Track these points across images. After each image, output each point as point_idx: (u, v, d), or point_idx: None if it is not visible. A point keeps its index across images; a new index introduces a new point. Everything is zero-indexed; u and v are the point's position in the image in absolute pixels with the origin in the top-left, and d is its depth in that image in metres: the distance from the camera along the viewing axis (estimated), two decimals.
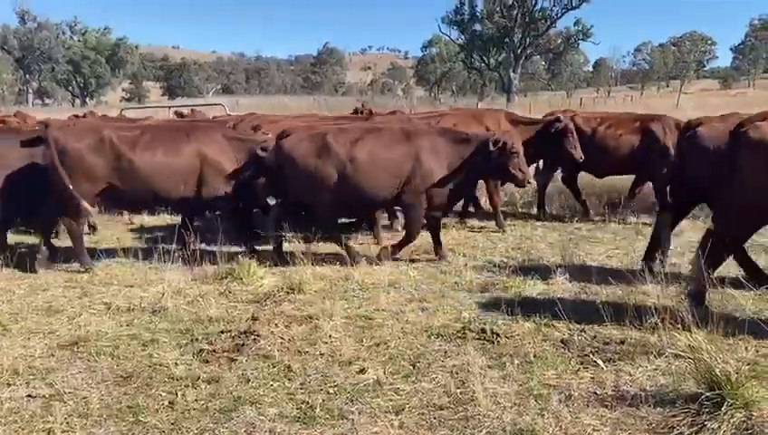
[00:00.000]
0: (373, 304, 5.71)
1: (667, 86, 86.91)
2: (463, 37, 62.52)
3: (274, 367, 4.43)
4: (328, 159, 6.80)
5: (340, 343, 4.79)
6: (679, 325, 4.62)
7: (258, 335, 4.91)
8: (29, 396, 4.02)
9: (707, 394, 3.62)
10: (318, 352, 4.67)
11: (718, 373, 3.66)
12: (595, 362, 4.41)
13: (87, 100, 73.74)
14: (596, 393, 3.98)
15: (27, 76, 71.01)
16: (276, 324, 5.18)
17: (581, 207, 9.58)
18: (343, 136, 6.95)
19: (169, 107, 21.20)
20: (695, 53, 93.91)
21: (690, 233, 7.68)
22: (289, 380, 4.25)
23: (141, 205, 7.95)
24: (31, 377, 4.29)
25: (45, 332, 5.12)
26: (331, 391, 4.08)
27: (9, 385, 4.16)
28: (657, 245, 6.50)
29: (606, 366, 4.34)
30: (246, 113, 12.37)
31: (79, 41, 75.55)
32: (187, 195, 7.07)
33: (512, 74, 57.24)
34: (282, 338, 4.91)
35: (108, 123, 8.82)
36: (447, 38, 67.05)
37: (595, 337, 4.86)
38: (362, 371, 4.34)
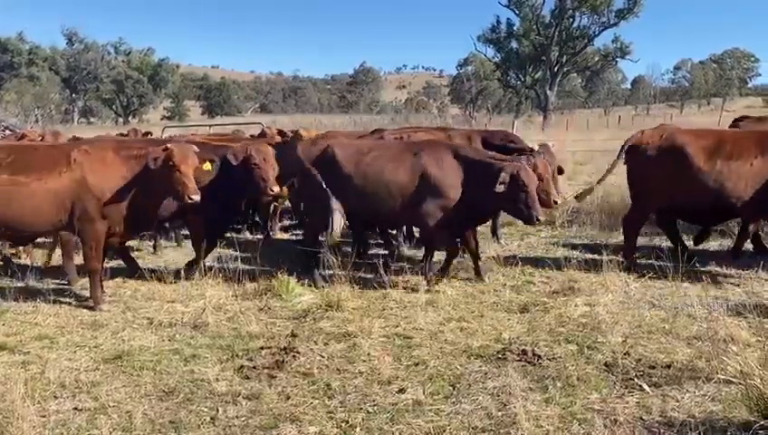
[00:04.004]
0: (411, 323, 5.69)
1: (708, 104, 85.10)
2: (499, 55, 62.43)
3: (314, 384, 4.44)
4: None
5: (379, 361, 4.77)
6: (728, 349, 4.50)
7: (297, 352, 4.94)
8: (75, 409, 4.10)
9: (761, 423, 3.50)
10: (357, 371, 4.66)
11: None
12: (640, 386, 4.29)
13: (129, 118, 75.73)
14: (642, 419, 3.88)
15: (73, 96, 73.35)
16: (315, 342, 5.20)
17: None
18: None
19: (209, 126, 21.63)
20: (737, 70, 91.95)
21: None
22: (328, 398, 4.25)
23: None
24: (77, 390, 4.37)
25: (90, 345, 5.23)
26: (370, 410, 4.06)
27: (56, 397, 4.25)
28: None
29: (652, 391, 4.22)
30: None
31: (123, 61, 77.84)
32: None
33: (548, 92, 56.86)
34: (321, 355, 4.92)
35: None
36: (483, 56, 66.96)
37: (640, 360, 4.74)
38: (402, 390, 4.31)
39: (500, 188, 6.28)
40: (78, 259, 6.96)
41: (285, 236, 10.21)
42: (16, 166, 6.07)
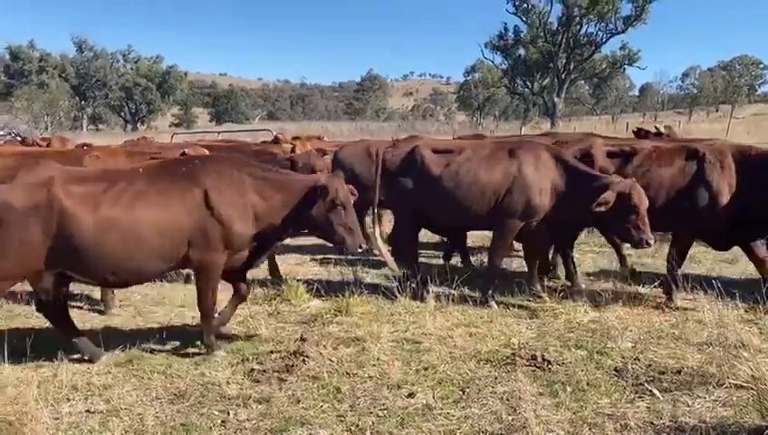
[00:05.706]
0: (420, 327, 5.69)
1: (717, 111, 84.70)
2: (506, 62, 62.52)
3: (324, 388, 4.45)
4: None
5: (389, 366, 4.78)
6: (739, 354, 4.48)
7: (307, 356, 4.95)
8: (87, 411, 4.13)
9: None
10: (366, 375, 4.67)
11: None
12: (651, 391, 4.29)
13: (138, 125, 76.15)
14: (653, 424, 3.87)
15: (83, 103, 73.82)
16: (324, 346, 5.21)
17: None
18: None
19: (218, 132, 21.74)
20: (745, 77, 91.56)
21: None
22: (338, 401, 4.26)
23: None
24: (89, 393, 4.40)
25: (102, 349, 5.25)
26: (380, 414, 4.07)
27: (69, 400, 4.29)
28: None
29: (662, 396, 4.22)
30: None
31: (132, 68, 78.28)
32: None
33: (556, 99, 56.82)
34: (330, 360, 4.93)
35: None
36: (491, 63, 67.03)
37: (650, 365, 4.73)
38: (411, 395, 4.32)
39: (599, 209, 5.74)
40: None
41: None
42: None
